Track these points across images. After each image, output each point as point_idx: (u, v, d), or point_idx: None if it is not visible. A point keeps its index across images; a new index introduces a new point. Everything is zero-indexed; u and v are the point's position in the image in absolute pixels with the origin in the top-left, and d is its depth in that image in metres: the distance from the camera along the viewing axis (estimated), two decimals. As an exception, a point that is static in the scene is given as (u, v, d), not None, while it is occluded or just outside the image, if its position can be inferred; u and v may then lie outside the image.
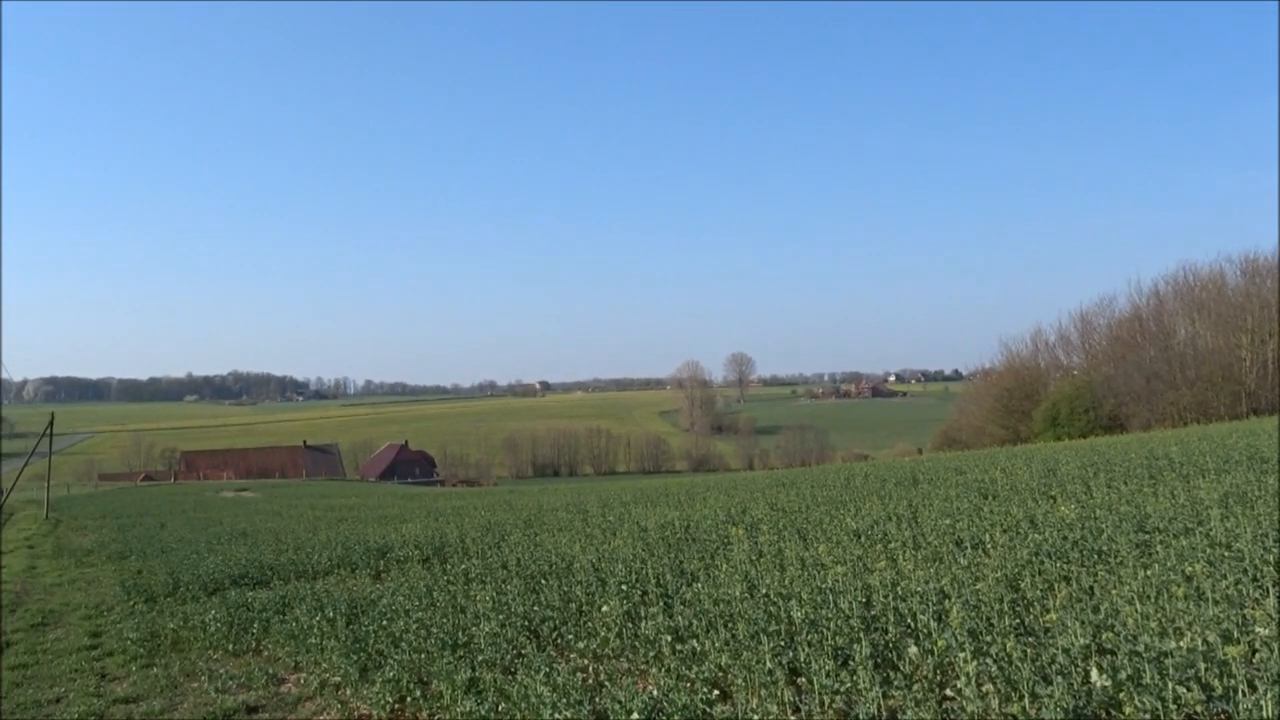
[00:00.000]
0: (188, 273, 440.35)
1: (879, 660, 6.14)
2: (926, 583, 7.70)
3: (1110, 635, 5.66)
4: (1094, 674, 5.06)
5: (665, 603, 8.62)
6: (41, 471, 50.53)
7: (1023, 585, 7.57)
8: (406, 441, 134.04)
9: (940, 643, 5.85)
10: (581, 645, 7.73)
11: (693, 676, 6.31)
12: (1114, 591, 6.99)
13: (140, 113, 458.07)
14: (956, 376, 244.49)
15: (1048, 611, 6.48)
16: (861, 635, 6.39)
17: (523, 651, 7.85)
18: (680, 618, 7.74)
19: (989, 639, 5.94)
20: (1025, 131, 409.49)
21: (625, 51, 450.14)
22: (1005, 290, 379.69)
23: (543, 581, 10.55)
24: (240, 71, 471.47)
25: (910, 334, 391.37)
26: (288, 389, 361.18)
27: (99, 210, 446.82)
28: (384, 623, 9.45)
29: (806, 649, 6.35)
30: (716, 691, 6.07)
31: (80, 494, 65.39)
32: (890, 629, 6.69)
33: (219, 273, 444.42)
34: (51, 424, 43.61)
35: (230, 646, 10.15)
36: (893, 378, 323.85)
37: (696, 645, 7.00)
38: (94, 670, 10.01)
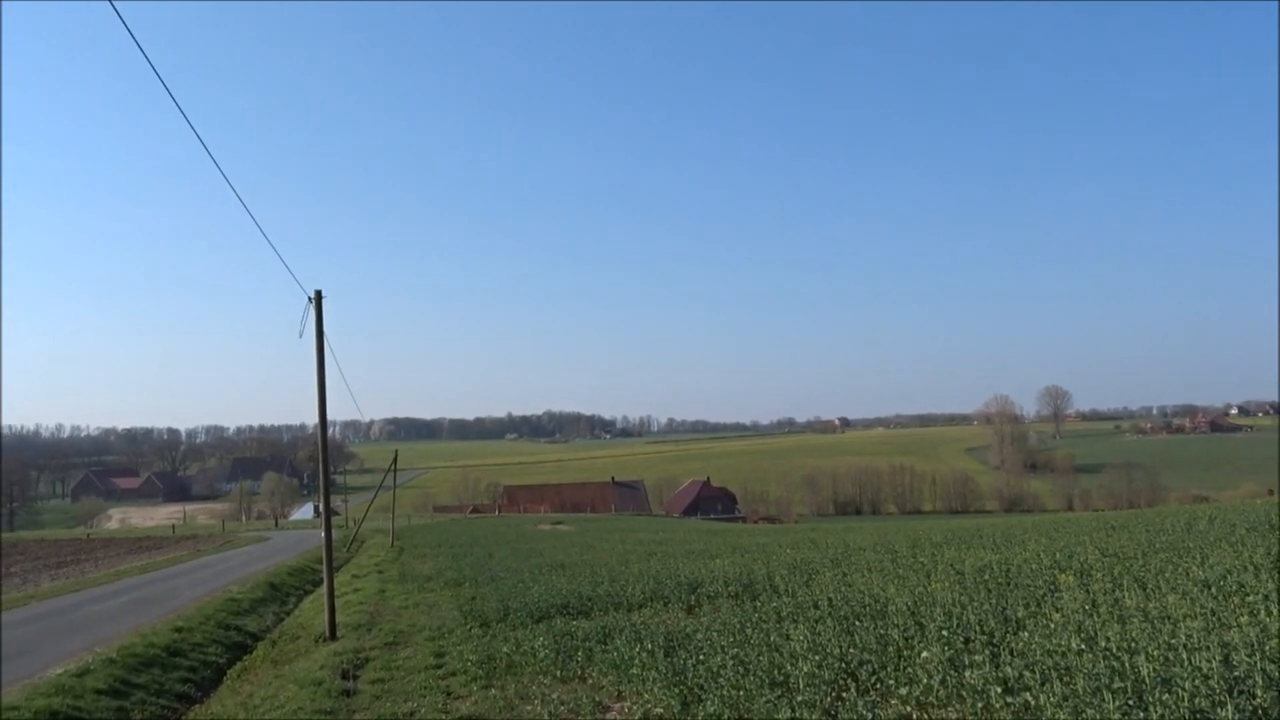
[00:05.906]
0: (506, 319, 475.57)
1: (1248, 727, 5.52)
2: (1301, 642, 6.84)
3: None
4: None
5: (991, 651, 8.21)
6: (387, 503, 56.27)
7: None
8: (708, 478, 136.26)
9: (1326, 712, 5.18)
10: (903, 691, 7.51)
11: (1028, 732, 5.96)
12: None
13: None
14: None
15: None
16: (1226, 698, 5.78)
17: (843, 694, 7.73)
18: (1009, 668, 7.34)
19: (1389, 711, 5.18)
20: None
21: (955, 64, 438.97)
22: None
23: (856, 623, 10.36)
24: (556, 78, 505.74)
25: (1255, 361, 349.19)
26: (596, 427, 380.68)
27: (433, 258, 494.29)
28: (700, 657, 9.63)
29: (1159, 709, 5.83)
30: (1056, 749, 5.71)
31: (418, 524, 71.99)
32: (1259, 693, 6.00)
33: (525, 321, 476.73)
34: (395, 461, 48.45)
35: (558, 672, 10.69)
36: (1235, 410, 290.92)
37: (1030, 698, 6.60)
38: (440, 688, 10.92)
